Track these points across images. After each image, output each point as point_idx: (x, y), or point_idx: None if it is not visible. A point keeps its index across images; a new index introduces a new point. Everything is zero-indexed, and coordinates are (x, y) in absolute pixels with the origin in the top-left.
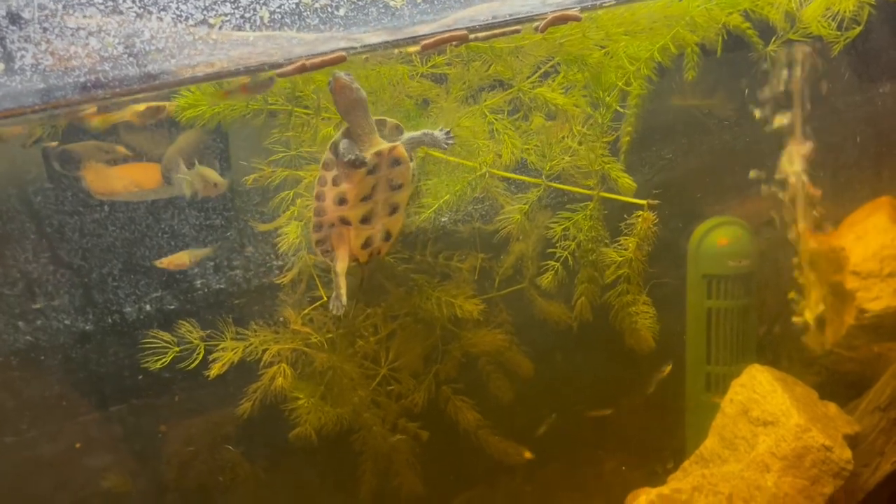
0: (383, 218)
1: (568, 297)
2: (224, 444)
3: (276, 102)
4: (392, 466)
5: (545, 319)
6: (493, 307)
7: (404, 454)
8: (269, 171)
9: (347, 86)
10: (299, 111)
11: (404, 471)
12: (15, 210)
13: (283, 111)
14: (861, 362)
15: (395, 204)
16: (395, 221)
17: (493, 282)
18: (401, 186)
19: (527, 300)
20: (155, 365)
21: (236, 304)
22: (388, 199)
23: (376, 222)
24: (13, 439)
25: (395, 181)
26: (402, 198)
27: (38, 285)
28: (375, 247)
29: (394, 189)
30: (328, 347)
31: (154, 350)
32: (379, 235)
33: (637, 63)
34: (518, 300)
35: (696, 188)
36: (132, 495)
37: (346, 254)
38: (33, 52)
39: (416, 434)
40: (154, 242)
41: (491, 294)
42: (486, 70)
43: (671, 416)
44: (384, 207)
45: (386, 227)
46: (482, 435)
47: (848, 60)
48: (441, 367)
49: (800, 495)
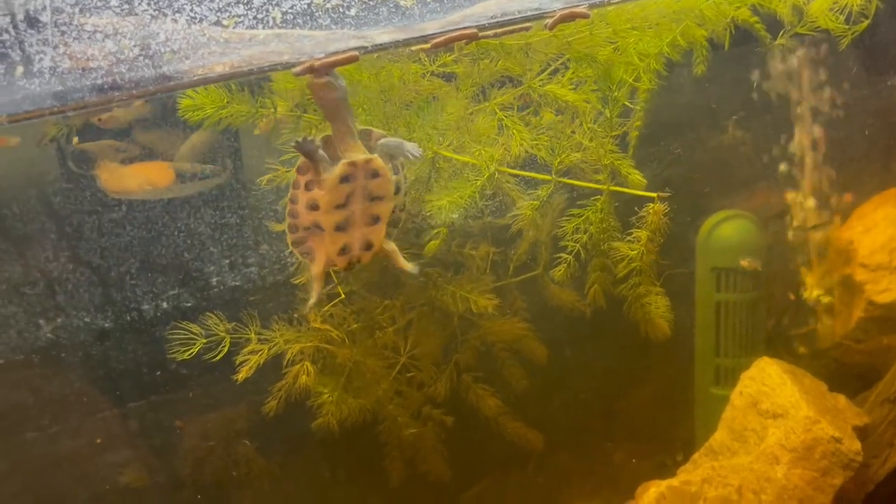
0: (362, 227)
1: (581, 286)
2: (239, 438)
3: (285, 106)
4: (419, 454)
5: (559, 307)
6: (507, 294)
7: (431, 441)
8: (284, 171)
9: (325, 84)
10: (309, 117)
11: (432, 457)
12: (34, 210)
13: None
14: (870, 354)
15: (374, 215)
16: (376, 231)
17: (506, 269)
18: (381, 198)
19: (540, 287)
20: (182, 355)
21: (252, 301)
22: (367, 209)
23: (354, 231)
24: (35, 435)
25: (374, 192)
26: (382, 209)
27: (57, 283)
28: (354, 255)
29: (372, 200)
30: (348, 342)
31: (179, 342)
32: (358, 244)
33: (647, 59)
34: (532, 288)
35: (704, 182)
36: (149, 489)
37: (322, 258)
38: (51, 54)
39: (441, 421)
40: (170, 241)
41: (505, 281)
42: (494, 67)
43: (681, 407)
44: (363, 217)
45: (366, 237)
46: (503, 421)
47: (856, 54)
48: (460, 356)
49: (809, 487)
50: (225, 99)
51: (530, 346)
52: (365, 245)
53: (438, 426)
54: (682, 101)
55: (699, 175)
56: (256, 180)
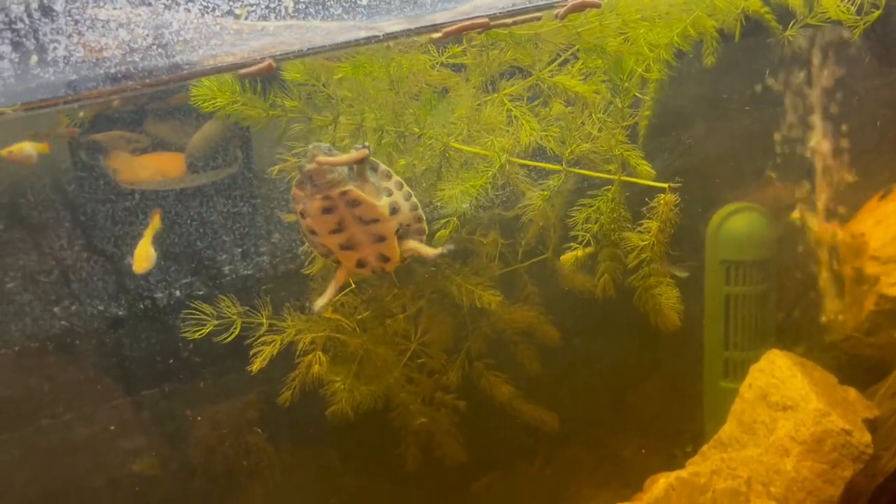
0: (369, 245)
1: (592, 275)
2: (251, 427)
3: (295, 108)
4: (434, 438)
5: (569, 295)
6: (517, 280)
7: (445, 425)
8: (295, 161)
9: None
10: (318, 119)
11: (446, 441)
12: (49, 199)
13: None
14: (881, 347)
15: (377, 234)
16: (387, 247)
17: (516, 256)
18: (376, 220)
19: (550, 272)
20: (195, 335)
21: (264, 290)
22: (367, 230)
23: (363, 248)
24: (49, 422)
25: (365, 217)
26: (382, 229)
27: (72, 272)
28: (373, 266)
29: (367, 223)
30: (360, 330)
31: (193, 323)
32: (373, 259)
33: (657, 49)
34: (542, 273)
35: (715, 174)
36: (161, 477)
37: (345, 269)
38: (65, 43)
39: (454, 406)
40: (183, 230)
41: (514, 266)
42: (503, 57)
43: (690, 400)
44: (366, 237)
45: (378, 251)
46: (517, 404)
47: (867, 44)
48: (472, 344)
49: (819, 479)
50: (238, 91)
51: (543, 330)
52: (381, 259)
53: (451, 412)
54: (693, 91)
55: (710, 166)
56: (268, 170)
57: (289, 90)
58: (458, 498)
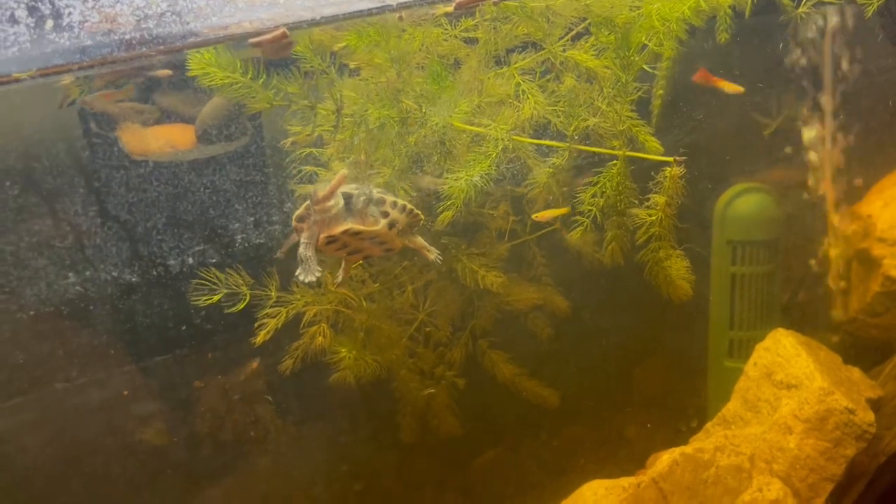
0: (372, 248)
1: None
2: (260, 396)
3: (297, 94)
4: (430, 411)
5: (577, 265)
6: (526, 251)
7: (444, 399)
8: (305, 133)
9: (325, 209)
10: (322, 108)
11: (443, 413)
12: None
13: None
14: (885, 328)
15: (379, 243)
16: (391, 244)
17: (525, 228)
18: (376, 237)
19: (558, 241)
20: (204, 301)
21: (276, 259)
22: (370, 244)
23: (366, 252)
24: (64, 385)
25: (366, 237)
26: (384, 240)
27: (87, 238)
28: (378, 256)
29: (369, 239)
30: (366, 304)
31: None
32: (376, 253)
33: (668, 23)
34: (550, 243)
35: (723, 152)
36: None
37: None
38: (80, 9)
39: (452, 382)
40: (196, 198)
41: (523, 238)
42: (515, 31)
43: (695, 377)
44: (370, 248)
45: (382, 249)
46: (519, 381)
47: (881, 22)
48: (477, 321)
49: (822, 457)
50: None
51: (552, 301)
52: (385, 251)
53: (451, 387)
54: (705, 68)
55: (719, 144)
56: (278, 142)
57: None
58: (463, 472)
